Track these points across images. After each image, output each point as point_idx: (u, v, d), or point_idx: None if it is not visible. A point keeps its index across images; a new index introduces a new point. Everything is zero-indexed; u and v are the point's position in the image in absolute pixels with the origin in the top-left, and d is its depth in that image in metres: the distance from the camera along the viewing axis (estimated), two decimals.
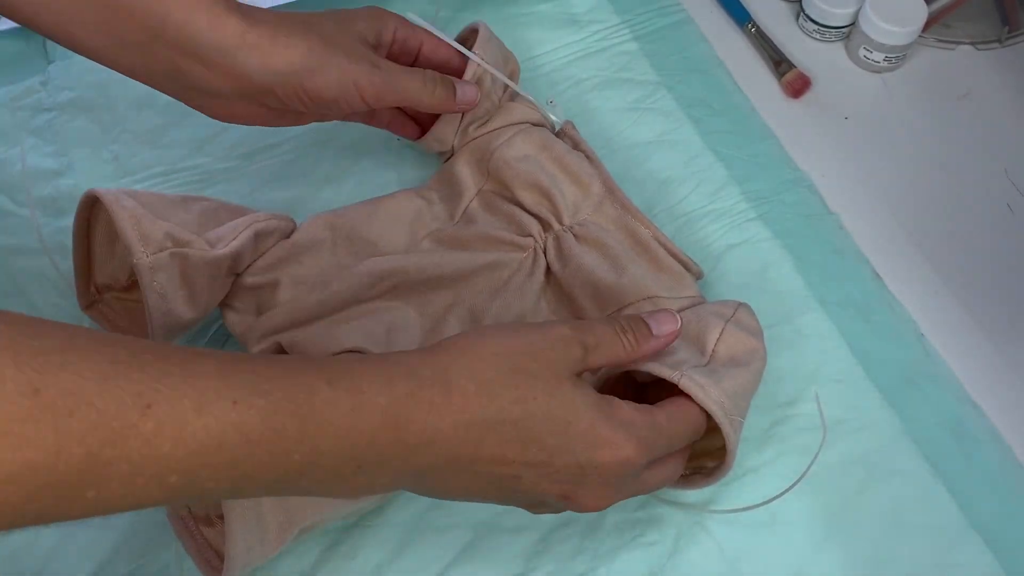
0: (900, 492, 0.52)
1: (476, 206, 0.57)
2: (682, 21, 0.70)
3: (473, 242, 0.55)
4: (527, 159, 0.56)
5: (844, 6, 0.67)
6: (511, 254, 0.54)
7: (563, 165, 0.56)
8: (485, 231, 0.55)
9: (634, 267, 0.53)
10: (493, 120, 0.58)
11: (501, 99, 0.59)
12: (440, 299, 0.53)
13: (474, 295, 0.53)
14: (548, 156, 0.56)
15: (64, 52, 0.66)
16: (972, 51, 0.69)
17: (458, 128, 0.58)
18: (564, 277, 0.53)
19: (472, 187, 0.58)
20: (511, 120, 0.58)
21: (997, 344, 0.57)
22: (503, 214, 0.56)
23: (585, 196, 0.56)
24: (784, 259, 0.59)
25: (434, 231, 0.56)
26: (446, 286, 0.53)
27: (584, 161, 0.57)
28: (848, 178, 0.63)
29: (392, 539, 0.51)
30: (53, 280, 0.58)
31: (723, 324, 0.49)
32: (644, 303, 0.52)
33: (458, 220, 0.57)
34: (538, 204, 0.55)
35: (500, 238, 0.55)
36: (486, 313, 0.52)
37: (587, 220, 0.55)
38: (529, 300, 0.53)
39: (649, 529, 0.51)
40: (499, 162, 0.56)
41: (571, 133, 0.59)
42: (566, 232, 0.54)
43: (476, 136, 0.58)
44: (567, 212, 0.55)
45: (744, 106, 0.66)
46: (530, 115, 0.59)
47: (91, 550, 0.50)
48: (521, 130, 0.57)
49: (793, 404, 0.54)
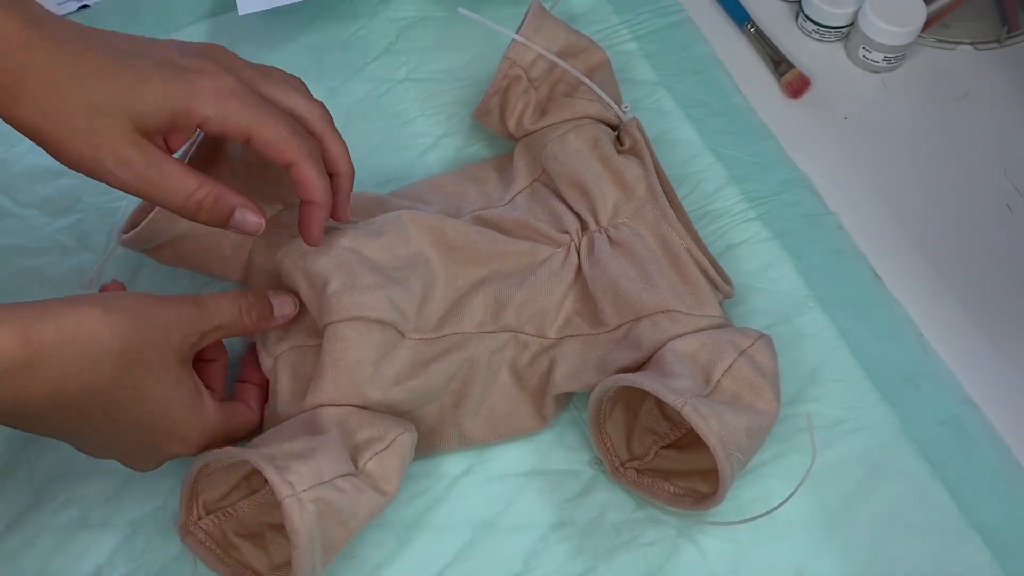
0: (899, 492, 0.52)
1: (525, 195, 0.57)
2: (682, 21, 0.70)
3: (511, 228, 0.55)
4: (576, 155, 0.56)
5: (843, 6, 0.67)
6: (545, 246, 0.54)
7: (610, 165, 0.56)
8: (525, 220, 0.55)
9: (659, 278, 0.52)
10: (551, 114, 0.57)
11: (557, 87, 0.58)
12: (470, 275, 0.53)
13: (501, 280, 0.53)
14: (596, 155, 0.56)
15: None
16: (972, 51, 0.70)
17: (502, 113, 0.59)
18: (590, 279, 0.53)
19: (525, 177, 0.58)
20: (569, 115, 0.57)
21: (997, 344, 0.57)
22: (547, 207, 0.56)
23: (627, 199, 0.55)
24: (784, 259, 0.59)
25: (477, 209, 0.56)
26: (479, 261, 0.53)
27: (633, 163, 0.56)
28: (847, 178, 0.63)
29: (392, 539, 0.51)
30: (53, 280, 0.58)
31: (735, 356, 0.49)
32: (662, 316, 0.51)
33: (505, 204, 0.57)
34: (578, 202, 0.55)
35: (538, 229, 0.55)
36: (510, 302, 0.53)
37: (624, 224, 0.55)
38: (555, 296, 0.53)
39: (649, 529, 0.51)
40: (548, 156, 0.56)
41: (632, 132, 0.58)
42: (601, 234, 0.54)
43: (533, 130, 0.58)
44: (605, 214, 0.55)
45: (743, 106, 0.66)
46: (589, 110, 0.57)
47: (90, 550, 0.50)
48: (577, 126, 0.57)
49: (793, 404, 0.54)
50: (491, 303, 0.53)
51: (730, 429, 0.45)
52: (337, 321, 0.48)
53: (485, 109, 0.59)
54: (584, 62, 0.59)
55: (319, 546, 0.43)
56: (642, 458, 0.51)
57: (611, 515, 0.51)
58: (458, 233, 0.53)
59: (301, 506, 0.42)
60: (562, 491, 0.52)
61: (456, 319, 0.52)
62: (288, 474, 0.43)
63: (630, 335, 0.52)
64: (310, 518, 0.43)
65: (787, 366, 0.55)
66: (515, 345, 0.53)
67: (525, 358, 0.53)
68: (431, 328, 0.52)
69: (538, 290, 0.53)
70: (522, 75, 0.57)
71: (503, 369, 0.53)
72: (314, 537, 0.43)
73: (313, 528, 0.43)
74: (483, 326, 0.52)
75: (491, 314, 0.53)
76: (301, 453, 0.44)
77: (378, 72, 0.67)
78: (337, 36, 0.69)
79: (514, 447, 0.53)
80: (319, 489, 0.43)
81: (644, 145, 0.57)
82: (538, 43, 0.57)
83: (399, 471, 0.47)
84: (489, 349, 0.52)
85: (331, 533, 0.44)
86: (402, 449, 0.48)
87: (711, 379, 0.48)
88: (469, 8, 0.68)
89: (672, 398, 0.45)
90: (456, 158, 0.63)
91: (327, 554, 0.45)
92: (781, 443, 0.53)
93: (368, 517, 0.46)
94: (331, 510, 0.44)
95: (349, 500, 0.45)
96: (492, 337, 0.52)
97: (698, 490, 0.49)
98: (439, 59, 0.68)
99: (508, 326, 0.53)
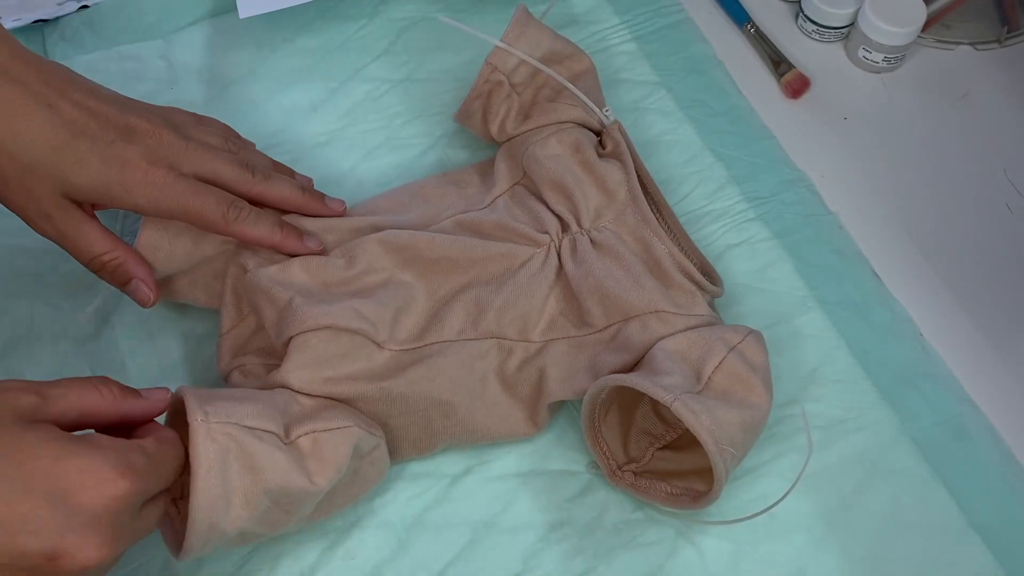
0: (899, 491, 0.52)
1: (505, 198, 0.57)
2: (681, 21, 0.70)
3: (491, 230, 0.55)
4: (556, 159, 0.56)
5: (843, 6, 0.67)
6: (524, 247, 0.54)
7: (591, 169, 0.56)
8: (505, 221, 0.55)
9: (645, 280, 0.52)
10: (533, 118, 0.57)
11: (541, 92, 0.58)
12: (449, 284, 0.53)
13: (481, 286, 0.53)
14: (578, 159, 0.56)
15: (64, 53, 0.67)
16: (971, 51, 0.70)
17: (484, 117, 0.58)
18: (575, 280, 0.53)
19: (506, 180, 0.58)
20: (551, 120, 0.57)
21: (996, 344, 0.57)
22: (527, 208, 0.56)
23: (609, 203, 0.55)
24: (784, 259, 0.59)
25: (458, 212, 0.56)
26: (458, 270, 0.53)
27: (615, 167, 0.56)
28: (847, 178, 0.63)
29: (392, 539, 0.51)
30: (53, 280, 0.58)
31: (726, 352, 0.49)
32: (651, 316, 0.51)
33: (486, 207, 0.57)
34: (560, 204, 0.55)
35: (517, 230, 0.54)
36: (491, 305, 0.52)
37: (606, 227, 0.55)
38: (536, 298, 0.53)
39: (648, 529, 0.51)
40: (530, 159, 0.56)
41: (614, 135, 0.58)
42: (583, 236, 0.54)
43: (515, 134, 0.58)
44: (587, 216, 0.54)
45: (743, 106, 0.66)
46: (571, 115, 0.58)
47: None
48: (558, 130, 0.57)
49: (792, 404, 0.54)
50: (471, 309, 0.52)
51: (722, 424, 0.45)
52: (303, 332, 0.48)
53: (467, 113, 0.60)
54: (569, 68, 0.59)
55: (222, 489, 0.41)
56: (639, 460, 0.51)
57: (610, 515, 0.51)
58: (432, 246, 0.53)
59: (210, 436, 0.42)
60: (561, 491, 0.52)
61: (437, 328, 0.52)
62: (206, 405, 0.42)
63: (619, 337, 0.52)
64: (217, 449, 0.41)
65: (787, 366, 0.55)
66: (499, 351, 0.52)
67: (512, 364, 0.52)
68: (411, 339, 0.51)
69: (519, 293, 0.53)
70: (504, 80, 0.58)
71: (490, 376, 0.52)
72: (213, 470, 0.41)
73: (216, 463, 0.41)
74: (463, 333, 0.52)
75: (471, 320, 0.52)
76: (229, 396, 0.44)
77: (378, 72, 0.67)
78: (337, 37, 0.69)
79: (514, 447, 0.53)
80: (234, 427, 0.42)
81: (626, 148, 0.57)
82: (521, 48, 0.57)
83: (335, 460, 0.45)
84: (472, 356, 0.51)
85: (240, 478, 0.42)
86: (347, 438, 0.46)
87: (702, 376, 0.48)
88: (471, 8, 0.69)
89: (662, 395, 0.45)
90: (456, 158, 0.63)
91: (236, 508, 0.42)
92: (780, 443, 0.53)
93: (282, 484, 0.43)
94: (243, 453, 0.42)
95: (266, 451, 0.43)
96: (474, 344, 0.52)
97: (695, 489, 0.49)
98: (439, 59, 0.68)
99: (489, 331, 0.52)
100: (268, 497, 0.43)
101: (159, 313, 0.57)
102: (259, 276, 0.51)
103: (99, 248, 0.50)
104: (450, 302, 0.53)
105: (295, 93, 0.66)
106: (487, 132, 0.59)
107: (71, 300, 0.57)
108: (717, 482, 0.46)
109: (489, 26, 0.60)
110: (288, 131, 0.64)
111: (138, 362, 0.55)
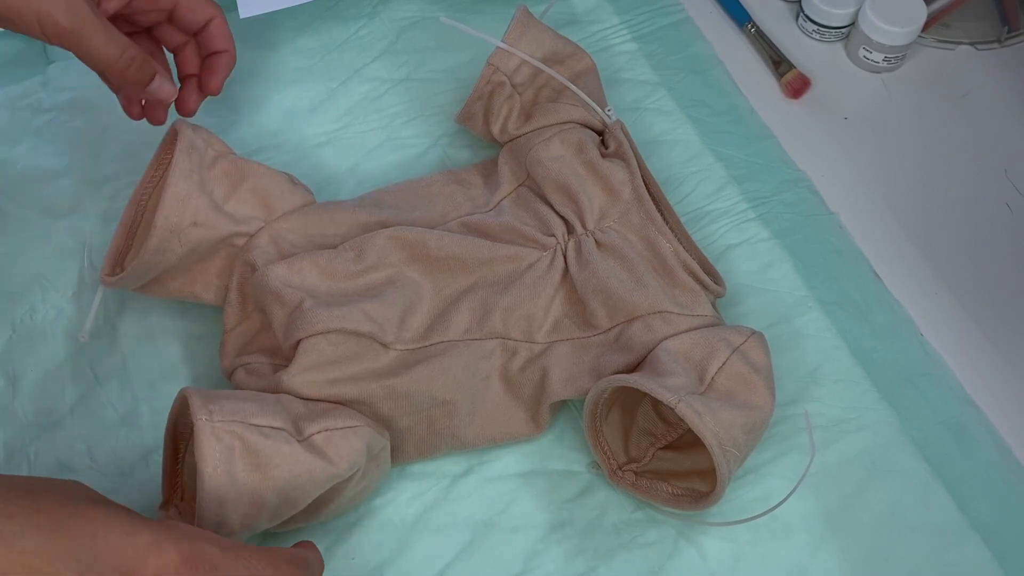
0: (899, 492, 0.52)
1: (510, 200, 0.57)
2: (682, 21, 0.70)
3: (498, 232, 0.55)
4: (560, 160, 0.56)
5: (843, 6, 0.67)
6: (530, 250, 0.54)
7: (595, 169, 0.56)
8: (511, 224, 0.55)
9: (650, 280, 0.52)
10: (535, 119, 0.58)
11: (542, 92, 0.58)
12: (456, 283, 0.53)
13: (487, 287, 0.53)
14: (581, 159, 0.56)
15: (64, 53, 0.66)
16: (972, 51, 0.70)
17: (486, 118, 0.58)
18: (580, 281, 0.53)
19: (510, 182, 0.58)
20: (553, 120, 0.57)
21: (996, 344, 0.57)
22: (532, 211, 0.56)
23: (613, 202, 0.55)
24: (784, 259, 0.59)
25: (464, 215, 0.56)
26: (465, 270, 0.53)
27: (618, 167, 0.56)
28: (847, 178, 0.63)
29: (392, 539, 0.51)
30: (53, 281, 0.58)
31: (729, 353, 0.49)
32: (654, 317, 0.51)
33: (491, 209, 0.57)
34: (564, 206, 0.55)
35: (524, 233, 0.55)
36: (496, 307, 0.52)
37: (611, 227, 0.55)
38: (542, 300, 0.53)
39: (648, 529, 0.51)
40: (534, 161, 0.56)
41: (617, 134, 0.58)
42: (588, 237, 0.54)
43: (518, 135, 0.58)
44: (591, 217, 0.55)
45: (744, 106, 0.66)
46: (573, 115, 0.58)
47: None
48: (561, 130, 0.57)
49: (793, 404, 0.54)
50: (477, 309, 0.53)
51: (725, 425, 0.45)
52: (312, 335, 0.48)
53: (468, 113, 0.60)
54: (570, 68, 0.59)
55: (228, 487, 0.42)
56: (640, 460, 0.51)
57: (611, 515, 0.51)
58: (441, 245, 0.53)
59: (215, 434, 0.41)
60: (562, 491, 0.52)
61: (443, 327, 0.52)
62: (210, 404, 0.42)
63: (622, 337, 0.52)
64: (222, 448, 0.41)
65: (787, 366, 0.55)
66: (504, 352, 0.53)
67: (516, 365, 0.53)
68: (416, 338, 0.51)
69: (525, 294, 0.53)
70: (505, 81, 0.58)
71: (493, 377, 0.52)
72: (219, 469, 0.41)
73: (221, 461, 0.41)
74: (469, 333, 0.52)
75: (477, 320, 0.52)
76: (233, 396, 0.44)
77: (378, 72, 0.67)
78: (337, 37, 0.69)
79: (514, 448, 0.53)
80: (239, 425, 0.42)
81: (629, 148, 0.57)
82: (522, 49, 0.57)
83: (350, 455, 0.45)
84: (476, 356, 0.52)
85: (246, 476, 0.42)
86: (359, 436, 0.46)
87: (705, 377, 0.48)
88: (471, 8, 0.68)
89: (666, 396, 0.45)
90: (457, 158, 0.63)
91: (245, 505, 0.42)
92: (781, 443, 0.53)
93: (295, 475, 0.43)
94: (248, 451, 0.42)
95: (273, 448, 0.43)
96: (479, 344, 0.52)
97: (696, 489, 0.49)
98: (439, 59, 0.68)
99: (495, 332, 0.52)
100: (276, 495, 0.43)
101: (159, 314, 0.57)
102: (268, 276, 0.50)
103: (126, 42, 0.49)
104: (456, 302, 0.53)
105: (295, 93, 0.66)
106: (489, 133, 0.59)
107: (71, 300, 0.57)
108: (720, 484, 0.46)
109: (489, 26, 0.60)
110: (288, 131, 0.64)
111: (138, 362, 0.55)
